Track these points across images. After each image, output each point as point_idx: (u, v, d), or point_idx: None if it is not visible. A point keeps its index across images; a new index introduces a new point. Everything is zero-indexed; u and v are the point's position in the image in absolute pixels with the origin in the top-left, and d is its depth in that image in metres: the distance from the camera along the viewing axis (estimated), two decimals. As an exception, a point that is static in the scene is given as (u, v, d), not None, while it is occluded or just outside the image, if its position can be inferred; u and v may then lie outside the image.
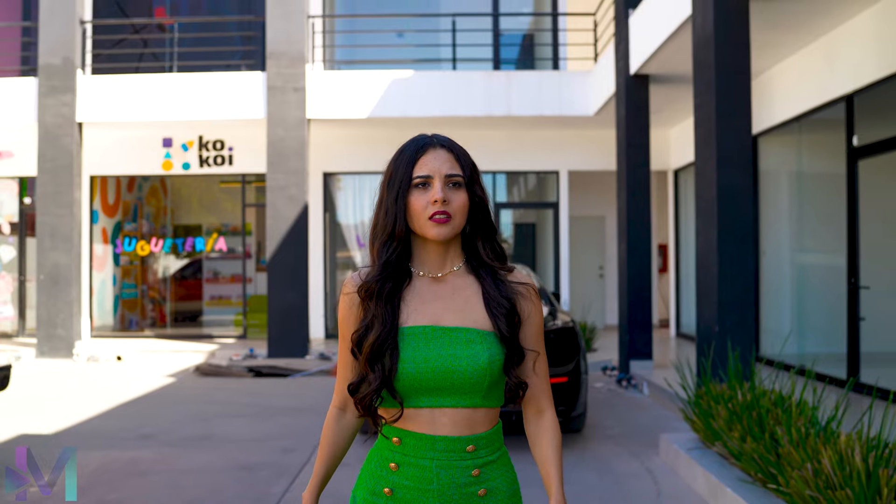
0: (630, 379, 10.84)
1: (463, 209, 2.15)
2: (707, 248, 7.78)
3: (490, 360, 2.10)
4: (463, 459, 2.11)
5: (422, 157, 2.16)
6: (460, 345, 2.11)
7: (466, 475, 2.11)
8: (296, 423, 8.73)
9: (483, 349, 2.11)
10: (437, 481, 2.10)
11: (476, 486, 2.12)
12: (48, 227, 14.36)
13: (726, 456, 5.92)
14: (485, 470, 2.14)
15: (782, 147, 11.47)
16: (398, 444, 2.14)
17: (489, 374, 2.10)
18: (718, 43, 7.64)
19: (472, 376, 2.09)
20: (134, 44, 16.81)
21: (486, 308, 2.16)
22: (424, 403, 2.11)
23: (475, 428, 2.13)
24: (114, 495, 6.09)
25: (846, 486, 4.29)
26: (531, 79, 14.56)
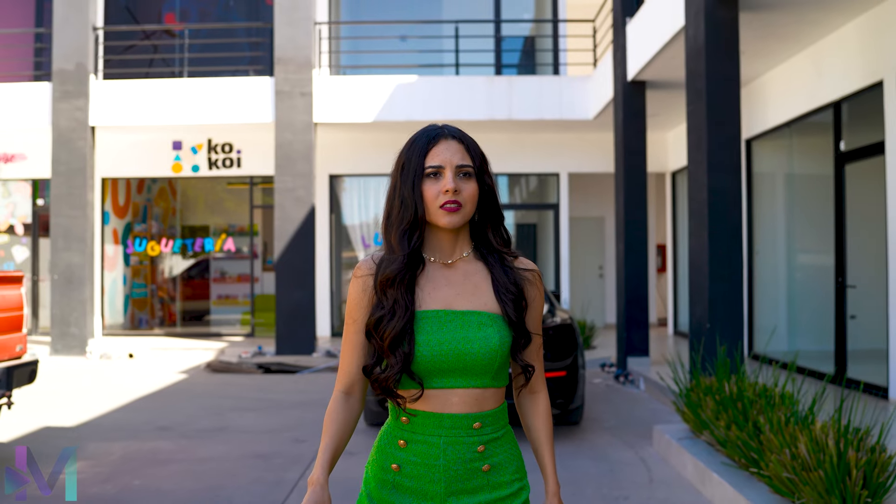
0: (627, 375, 11.22)
1: (473, 198, 2.23)
2: (699, 249, 8.16)
3: (501, 343, 2.19)
4: (469, 436, 2.20)
5: (434, 148, 2.23)
6: (472, 328, 2.20)
7: (472, 451, 2.20)
8: (305, 416, 9.12)
9: (494, 332, 2.20)
10: (444, 457, 2.19)
11: (481, 462, 2.21)
12: (62, 228, 14.76)
13: (713, 444, 6.31)
14: (490, 446, 2.22)
15: (775, 151, 11.86)
16: (407, 423, 2.23)
17: (500, 356, 2.20)
18: (709, 54, 8.03)
19: (483, 358, 2.18)
20: (144, 49, 17.20)
21: (494, 293, 2.25)
22: (437, 384, 2.19)
23: (483, 406, 2.21)
24: (138, 482, 6.49)
25: (819, 468, 4.68)
26: (532, 83, 14.96)
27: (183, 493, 6.18)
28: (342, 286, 17.22)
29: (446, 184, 2.19)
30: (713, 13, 8.09)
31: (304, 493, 5.98)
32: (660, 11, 10.17)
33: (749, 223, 12.37)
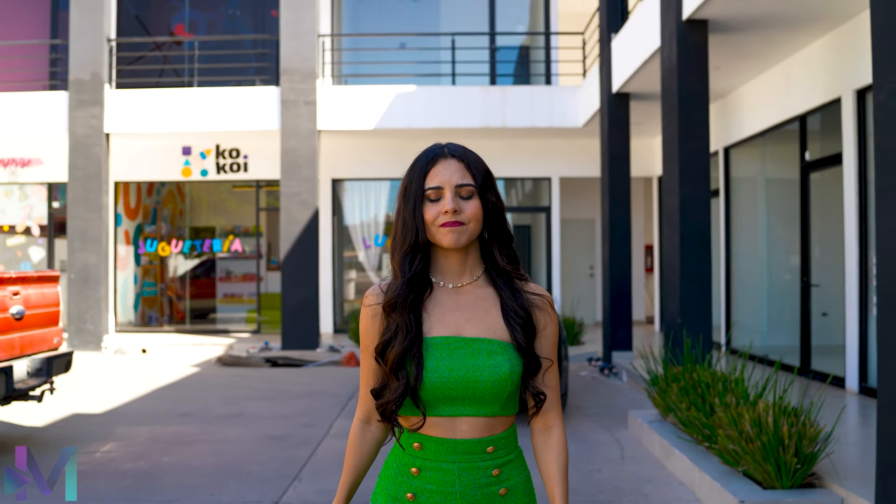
0: (611, 368, 12.02)
1: (477, 218, 2.17)
2: (671, 251, 8.97)
3: (511, 371, 2.14)
4: (483, 460, 2.16)
5: (433, 169, 2.18)
6: (482, 355, 2.15)
7: (487, 475, 2.16)
8: (313, 404, 9.92)
9: (504, 360, 2.15)
10: (460, 483, 2.15)
11: (497, 486, 2.17)
12: (78, 230, 15.56)
13: (677, 425, 7.12)
14: (504, 469, 2.19)
15: (750, 158, 12.67)
16: (419, 449, 2.18)
17: (510, 385, 2.15)
18: (680, 73, 8.84)
19: (493, 386, 2.13)
20: (155, 59, 17.99)
21: (503, 318, 2.20)
22: (445, 412, 2.15)
23: (494, 430, 2.18)
24: (167, 459, 7.29)
25: (758, 440, 5.49)
26: (524, 93, 15.77)
27: (208, 467, 6.98)
28: (344, 285, 18.03)
29: (445, 205, 2.15)
30: (684, 36, 8.90)
31: (316, 469, 6.80)
32: (640, 30, 10.97)
33: (727, 227, 13.18)
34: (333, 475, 6.70)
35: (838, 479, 5.49)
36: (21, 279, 7.54)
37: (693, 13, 8.70)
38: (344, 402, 9.97)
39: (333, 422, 8.85)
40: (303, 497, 6.12)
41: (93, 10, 15.63)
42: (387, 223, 17.88)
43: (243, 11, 18.33)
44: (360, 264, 18.10)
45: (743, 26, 9.22)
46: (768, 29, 9.37)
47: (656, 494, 6.17)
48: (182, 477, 6.71)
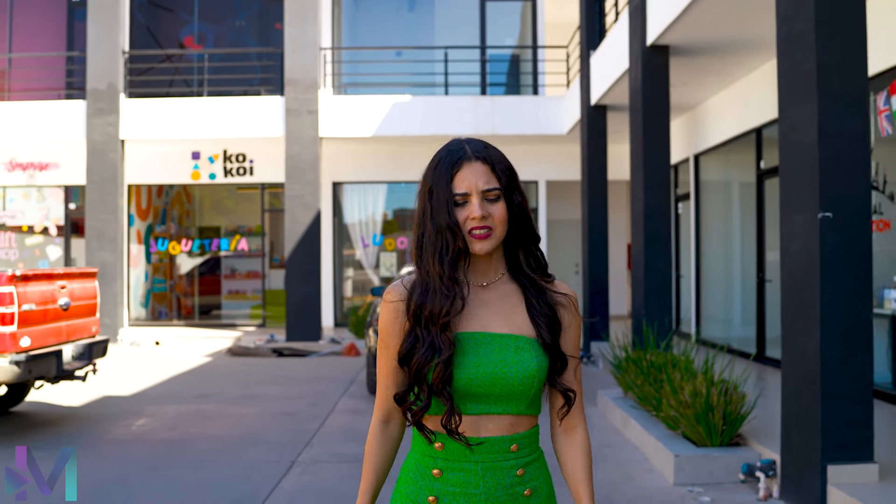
0: (590, 356, 13.16)
1: (503, 220, 2.13)
2: (637, 250, 10.11)
3: (538, 368, 2.11)
4: (507, 459, 2.12)
5: (458, 174, 2.12)
6: (509, 351, 2.11)
7: (511, 475, 2.11)
8: (318, 388, 11.04)
9: (532, 356, 2.11)
10: (484, 484, 2.10)
11: (521, 486, 2.13)
12: (96, 231, 16.68)
13: (635, 400, 8.27)
14: (528, 469, 2.15)
15: (716, 164, 13.82)
16: (441, 450, 2.13)
17: (538, 381, 2.11)
18: (645, 94, 9.98)
19: (521, 383, 2.09)
20: (166, 69, 19.10)
21: (529, 315, 2.17)
22: (471, 410, 2.10)
23: (517, 428, 2.14)
24: (195, 430, 8.43)
25: (692, 407, 6.63)
26: (513, 103, 16.93)
27: (231, 437, 8.12)
28: (343, 282, 19.16)
29: (473, 211, 2.10)
30: (648, 60, 10.04)
31: (324, 438, 7.93)
32: (613, 50, 12.10)
33: (697, 227, 14.34)
34: (340, 442, 7.84)
35: (758, 438, 6.64)
36: (66, 275, 8.68)
37: (656, 39, 9.83)
38: (346, 386, 11.10)
39: (338, 401, 9.99)
40: (315, 458, 7.26)
41: (109, 25, 16.75)
42: (384, 223, 19.03)
43: (249, 24, 19.45)
44: (359, 262, 19.23)
45: (702, 50, 10.35)
46: (724, 52, 10.50)
47: (613, 455, 7.32)
48: (210, 444, 7.85)
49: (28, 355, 7.68)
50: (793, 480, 5.68)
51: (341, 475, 6.72)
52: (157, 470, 6.92)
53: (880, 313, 8.61)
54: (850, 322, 5.33)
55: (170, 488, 6.39)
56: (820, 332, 5.32)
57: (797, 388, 5.62)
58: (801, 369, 5.55)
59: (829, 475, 5.34)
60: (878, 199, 8.52)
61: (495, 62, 19.70)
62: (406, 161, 18.35)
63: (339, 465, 7.06)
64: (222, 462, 7.17)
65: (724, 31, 9.58)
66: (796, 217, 5.62)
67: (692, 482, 6.33)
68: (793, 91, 5.72)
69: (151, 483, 6.53)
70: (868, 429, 5.39)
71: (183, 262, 20.54)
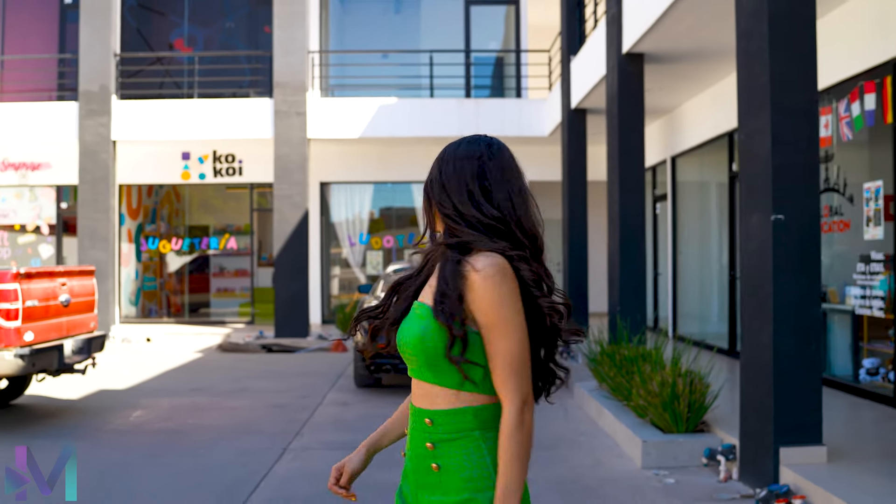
0: (569, 351, 13.61)
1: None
2: (613, 249, 10.57)
3: (423, 334, 2.18)
4: (423, 430, 2.25)
5: None
6: (412, 318, 2.26)
7: (422, 446, 2.25)
8: (306, 382, 11.46)
9: (419, 323, 2.21)
10: (410, 448, 2.32)
11: (431, 459, 2.23)
12: (88, 230, 17.05)
13: (609, 391, 8.72)
14: (440, 446, 2.22)
15: (692, 166, 14.30)
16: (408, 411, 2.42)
17: (424, 346, 2.18)
18: (620, 100, 10.44)
19: (410, 345, 2.22)
20: (156, 71, 19.47)
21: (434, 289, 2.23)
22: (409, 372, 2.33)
23: (434, 403, 2.23)
24: (190, 421, 8.84)
25: (660, 395, 7.09)
26: (496, 105, 17.41)
27: (225, 427, 8.54)
28: (331, 280, 19.58)
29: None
30: (624, 68, 10.50)
31: (314, 428, 8.35)
32: (592, 57, 12.56)
33: (674, 227, 14.82)
34: (329, 432, 8.27)
35: (721, 425, 7.10)
36: (67, 272, 9.07)
37: (631, 48, 10.29)
38: (334, 380, 11.52)
39: (326, 394, 10.42)
40: (306, 445, 7.69)
41: (101, 28, 17.12)
42: (370, 222, 19.45)
43: (238, 26, 19.84)
44: (346, 261, 19.64)
45: (675, 58, 10.81)
46: (697, 60, 10.96)
47: (587, 442, 7.78)
48: (205, 433, 8.26)
49: (32, 349, 8.07)
50: (750, 463, 6.14)
51: (331, 461, 7.13)
52: (157, 457, 7.33)
53: (842, 309, 9.09)
54: (800, 316, 5.79)
55: (169, 473, 6.81)
56: (773, 326, 5.78)
57: (753, 377, 6.08)
58: (757, 360, 6.01)
59: (781, 457, 5.80)
60: (838, 201, 8.99)
61: (479, 65, 20.17)
62: (392, 162, 18.79)
63: (328, 451, 7.49)
64: (218, 450, 7.59)
65: (696, 41, 10.03)
66: (753, 219, 6.07)
67: (658, 466, 6.78)
68: (750, 103, 6.17)
69: (151, 469, 6.94)
70: (817, 414, 5.85)
71: (172, 261, 20.90)
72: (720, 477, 6.37)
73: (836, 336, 9.35)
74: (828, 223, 9.17)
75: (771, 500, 5.54)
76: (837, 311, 9.23)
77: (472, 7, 19.14)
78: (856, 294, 8.71)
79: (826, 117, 9.16)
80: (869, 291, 8.45)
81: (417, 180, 18.88)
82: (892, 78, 7.91)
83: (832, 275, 9.34)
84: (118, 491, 6.31)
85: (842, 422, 7.59)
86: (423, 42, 19.51)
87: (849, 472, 5.69)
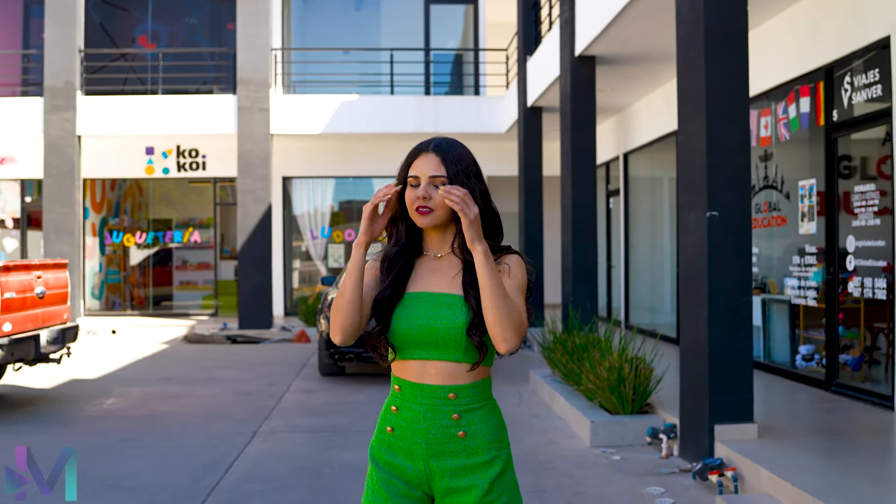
0: (525, 341, 14.13)
1: (443, 204, 2.54)
2: (566, 243, 11.09)
3: (466, 321, 2.49)
4: (445, 405, 2.53)
5: (414, 161, 2.58)
6: (443, 307, 2.52)
7: (448, 417, 2.53)
8: (272, 371, 11.86)
9: (459, 312, 2.51)
10: (424, 422, 2.53)
11: (457, 428, 2.53)
12: (53, 223, 17.31)
13: (561, 377, 9.23)
14: (465, 416, 2.53)
15: (643, 162, 14.87)
16: (399, 391, 2.60)
17: (461, 332, 2.50)
18: (573, 101, 10.95)
19: (450, 333, 2.50)
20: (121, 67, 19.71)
21: (462, 283, 2.56)
22: (416, 355, 2.55)
23: (457, 379, 2.54)
24: (162, 408, 9.23)
25: (608, 380, 7.60)
26: (454, 103, 17.90)
27: (196, 413, 8.94)
28: (293, 272, 19.97)
29: (418, 192, 2.55)
30: (577, 69, 11.01)
31: (281, 413, 8.77)
32: (547, 58, 13.06)
33: (626, 221, 15.38)
34: (296, 416, 8.70)
35: (664, 407, 7.63)
36: (42, 265, 9.41)
37: (583, 50, 10.80)
38: (299, 369, 11.93)
39: (292, 382, 10.84)
40: (274, 429, 8.12)
41: (65, 24, 17.36)
42: (332, 215, 19.86)
43: (201, 23, 20.13)
44: (307, 253, 20.03)
45: (626, 60, 11.33)
46: (647, 62, 11.49)
47: (540, 424, 8.28)
48: (178, 418, 8.66)
49: (10, 339, 8.42)
50: (688, 440, 6.68)
51: (299, 442, 7.59)
52: (132, 441, 7.72)
53: (780, 299, 9.68)
54: (732, 304, 6.33)
55: (146, 455, 7.21)
56: (708, 312, 6.30)
57: (691, 360, 6.62)
58: (694, 344, 6.54)
59: (715, 433, 6.33)
60: (776, 198, 9.57)
61: (439, 63, 20.64)
62: (353, 157, 19.22)
63: (296, 434, 7.92)
64: (191, 433, 8.00)
65: (645, 45, 10.56)
66: (691, 215, 6.60)
67: (606, 445, 7.30)
68: (688, 107, 6.69)
69: (129, 451, 7.34)
70: (748, 394, 6.39)
71: (135, 254, 21.13)
72: (662, 454, 6.90)
73: (776, 325, 9.96)
74: (767, 218, 9.76)
75: (705, 472, 6.06)
76: (776, 301, 9.82)
77: (432, 5, 19.61)
78: (792, 285, 9.30)
79: (766, 118, 9.74)
80: (804, 282, 9.03)
81: (377, 175, 19.32)
82: (824, 83, 8.48)
83: (771, 267, 9.94)
84: (98, 471, 6.69)
85: (777, 404, 8.17)
86: (384, 40, 19.95)
87: (777, 446, 6.22)
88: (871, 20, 7.65)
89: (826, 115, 8.46)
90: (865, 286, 7.86)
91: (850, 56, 8.04)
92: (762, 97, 9.70)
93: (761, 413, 7.01)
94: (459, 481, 2.52)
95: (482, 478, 2.52)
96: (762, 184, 9.83)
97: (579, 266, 10.84)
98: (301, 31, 20.21)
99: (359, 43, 19.90)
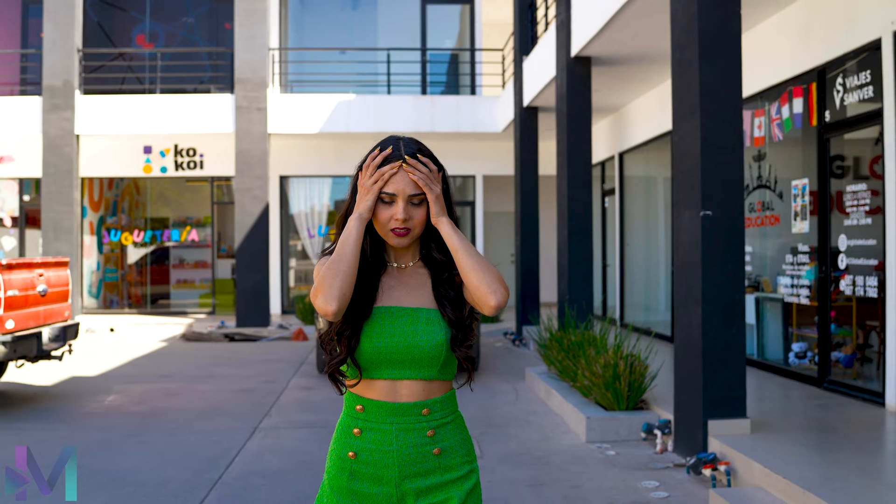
0: (521, 339, 14.25)
1: (422, 223, 2.38)
2: (562, 241, 11.20)
3: (447, 338, 2.36)
4: (419, 421, 2.35)
5: (392, 178, 2.34)
6: (420, 323, 2.36)
7: (422, 436, 2.36)
8: (270, 368, 11.97)
9: (439, 328, 2.36)
10: (396, 442, 2.34)
11: (432, 445, 2.37)
12: (52, 222, 17.39)
13: (557, 374, 9.35)
14: (439, 431, 2.38)
15: (638, 162, 15.00)
16: (361, 412, 2.38)
17: (446, 349, 2.36)
18: (569, 99, 11.06)
19: (430, 351, 2.34)
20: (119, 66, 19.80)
21: (433, 294, 2.42)
22: (387, 375, 2.35)
23: (431, 394, 2.38)
24: (162, 404, 9.33)
25: (603, 376, 7.72)
26: (451, 102, 18.00)
27: (196, 409, 9.04)
28: (290, 271, 20.08)
29: (397, 213, 2.33)
30: (573, 70, 11.13)
31: (281, 409, 8.88)
32: (543, 58, 13.18)
33: (622, 220, 15.51)
34: (296, 412, 8.81)
35: (658, 403, 7.75)
36: (44, 264, 9.51)
37: (579, 51, 10.91)
38: (297, 367, 12.04)
39: (290, 379, 10.95)
40: (274, 425, 8.23)
41: (64, 24, 17.44)
42: (329, 214, 19.96)
43: (199, 22, 20.23)
44: (304, 252, 20.14)
45: (621, 61, 11.45)
46: (642, 62, 11.61)
47: (536, 420, 8.40)
48: (179, 415, 8.77)
49: (13, 336, 8.52)
50: (682, 435, 6.79)
51: (299, 438, 7.70)
52: (135, 436, 7.82)
53: (774, 297, 9.81)
54: (726, 301, 6.45)
55: (149, 450, 7.31)
56: (701, 310, 6.42)
57: (685, 356, 6.74)
58: (688, 341, 6.66)
59: (709, 428, 6.45)
60: (770, 197, 9.70)
61: (435, 63, 20.76)
62: (350, 156, 19.28)
63: (296, 430, 8.03)
64: (192, 429, 8.10)
65: (641, 46, 10.68)
66: (685, 214, 6.71)
67: (601, 440, 7.42)
68: (682, 108, 6.81)
69: (132, 446, 7.44)
70: (741, 389, 6.51)
71: (133, 252, 21.23)
72: (657, 449, 7.02)
73: (769, 323, 10.09)
74: (760, 217, 9.89)
75: (699, 466, 6.18)
76: (770, 300, 9.95)
77: (429, 6, 19.72)
78: (785, 283, 9.42)
79: (759, 119, 9.87)
80: (797, 281, 9.16)
81: (374, 174, 19.35)
82: (817, 84, 8.61)
83: (765, 265, 10.07)
84: (101, 466, 6.79)
85: (770, 400, 8.29)
86: (381, 40, 20.06)
87: (769, 441, 6.34)
88: (862, 22, 7.78)
89: (819, 115, 8.59)
90: (857, 284, 7.99)
91: (842, 58, 8.17)
92: (756, 98, 9.84)
93: (754, 409, 7.15)
94: (434, 498, 2.38)
95: (458, 490, 2.39)
96: (756, 183, 9.96)
97: (575, 265, 10.96)
98: (298, 31, 20.32)
99: (356, 43, 20.02)
